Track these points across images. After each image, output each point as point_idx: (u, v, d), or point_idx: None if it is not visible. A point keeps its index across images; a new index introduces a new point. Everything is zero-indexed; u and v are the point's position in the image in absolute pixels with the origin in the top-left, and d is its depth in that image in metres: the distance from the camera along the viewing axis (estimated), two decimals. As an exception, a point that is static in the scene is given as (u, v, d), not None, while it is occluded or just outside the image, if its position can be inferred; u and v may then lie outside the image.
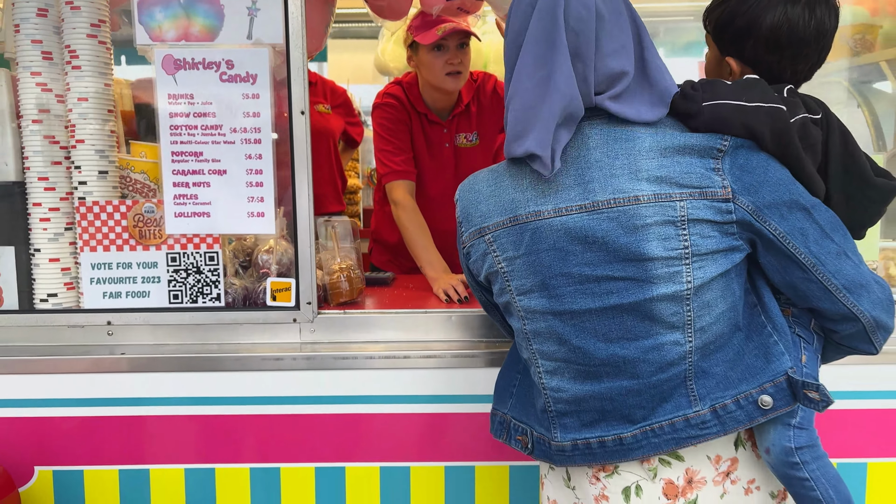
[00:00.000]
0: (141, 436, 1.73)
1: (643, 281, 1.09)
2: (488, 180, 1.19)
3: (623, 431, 1.15)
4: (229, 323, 1.76)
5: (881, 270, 1.84)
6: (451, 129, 2.48)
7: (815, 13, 1.16)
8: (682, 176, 1.07)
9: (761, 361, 1.13)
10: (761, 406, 1.11)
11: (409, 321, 1.77)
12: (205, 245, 1.75)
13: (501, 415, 1.32)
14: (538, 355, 1.19)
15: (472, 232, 1.20)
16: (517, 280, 1.16)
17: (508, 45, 1.15)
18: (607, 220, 1.08)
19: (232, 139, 1.71)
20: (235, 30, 1.68)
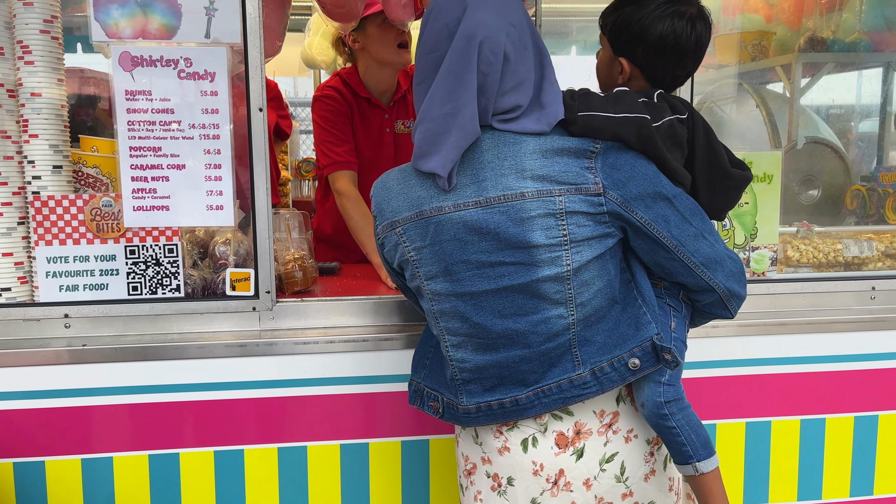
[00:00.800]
0: (103, 425, 1.77)
1: (530, 265, 1.26)
2: (398, 179, 1.34)
3: (519, 393, 1.33)
4: (189, 313, 1.82)
5: (780, 252, 2.10)
6: (391, 115, 2.58)
7: (696, 27, 1.38)
8: (561, 174, 1.24)
9: (632, 330, 1.31)
10: (631, 368, 1.29)
11: (365, 307, 1.88)
12: (164, 237, 1.80)
13: (416, 384, 1.48)
14: (445, 332, 1.36)
15: (384, 225, 1.34)
16: (424, 267, 1.32)
17: (421, 57, 1.28)
18: (498, 214, 1.24)
19: (191, 135, 1.76)
20: (193, 28, 1.73)
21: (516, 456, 1.36)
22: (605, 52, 1.47)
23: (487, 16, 1.21)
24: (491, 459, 1.39)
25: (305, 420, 1.82)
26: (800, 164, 2.47)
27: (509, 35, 1.22)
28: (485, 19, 1.20)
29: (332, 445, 1.83)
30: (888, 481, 2.05)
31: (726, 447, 1.97)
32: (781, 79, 2.65)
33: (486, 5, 1.22)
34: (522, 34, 1.25)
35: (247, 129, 1.78)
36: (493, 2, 1.23)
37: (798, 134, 2.50)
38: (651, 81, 1.43)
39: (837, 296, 2.05)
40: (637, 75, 1.43)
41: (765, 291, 2.01)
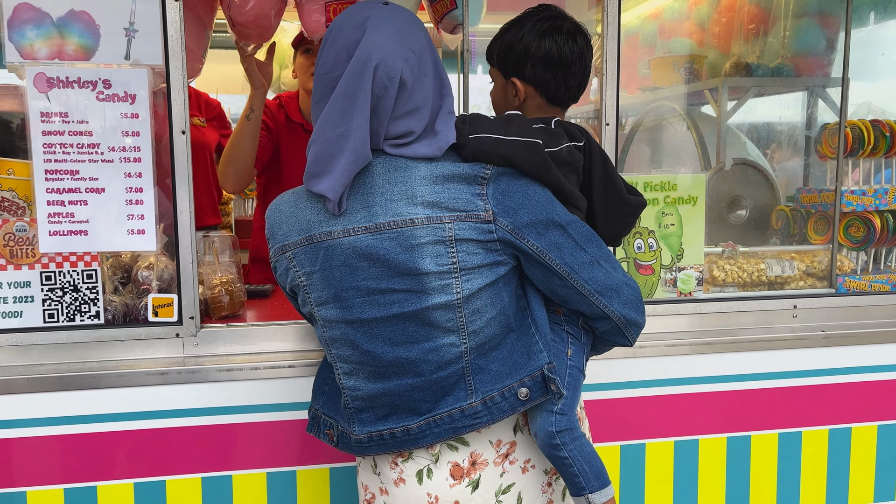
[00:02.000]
0: (17, 458, 1.70)
1: (420, 292, 1.24)
2: (290, 202, 1.31)
3: (410, 423, 1.30)
4: (109, 340, 1.77)
5: (706, 273, 2.14)
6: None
7: (577, 41, 1.42)
8: (451, 201, 1.22)
9: (524, 358, 1.29)
10: (520, 397, 1.27)
11: (292, 332, 1.85)
12: (82, 263, 1.75)
13: (314, 410, 1.45)
14: (337, 359, 1.33)
15: (276, 248, 1.31)
16: (315, 292, 1.29)
17: (319, 77, 1.26)
18: (388, 240, 1.22)
19: (110, 157, 1.72)
20: (113, 50, 1.70)
21: (412, 488, 1.33)
22: (497, 80, 1.49)
23: (385, 40, 1.20)
24: (388, 490, 1.36)
25: (231, 449, 1.78)
26: (728, 185, 2.53)
27: (408, 60, 1.20)
28: (382, 43, 1.19)
29: (259, 474, 1.80)
30: (812, 498, 2.09)
31: (656, 466, 1.99)
32: (710, 101, 2.72)
33: (385, 29, 1.21)
34: (423, 61, 1.24)
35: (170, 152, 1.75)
36: (392, 26, 1.22)
37: (726, 155, 2.56)
38: (547, 97, 1.44)
39: (762, 314, 2.10)
40: (532, 93, 1.44)
41: (691, 311, 2.05)
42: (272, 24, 2.02)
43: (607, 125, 1.94)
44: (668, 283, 2.05)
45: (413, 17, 1.27)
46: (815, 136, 2.43)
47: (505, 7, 3.06)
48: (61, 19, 1.67)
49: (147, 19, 1.70)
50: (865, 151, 2.25)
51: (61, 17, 1.67)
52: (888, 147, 2.26)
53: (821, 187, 2.33)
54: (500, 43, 1.45)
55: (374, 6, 1.25)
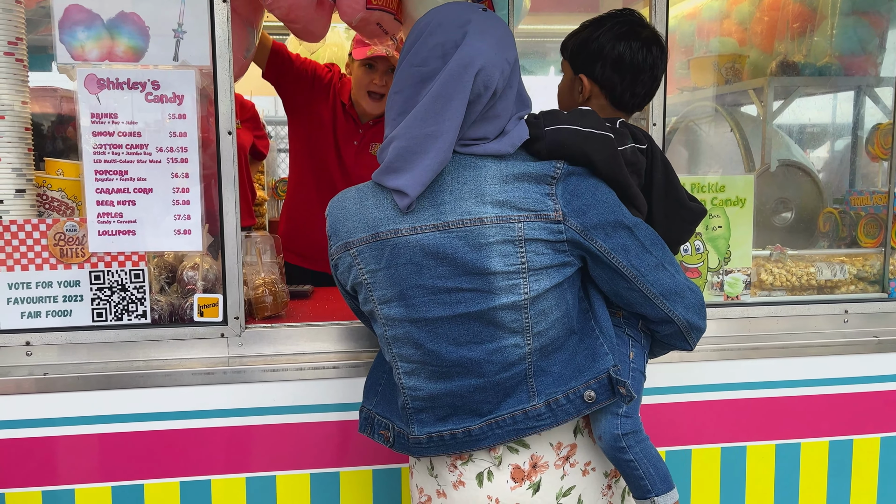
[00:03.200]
0: (65, 456, 1.72)
1: (487, 292, 1.22)
2: (354, 199, 1.30)
3: (471, 424, 1.29)
4: (156, 340, 1.78)
5: (753, 276, 2.10)
6: (366, 132, 2.59)
7: (651, 51, 1.42)
8: (520, 200, 1.21)
9: (588, 361, 1.28)
10: (586, 400, 1.26)
11: (336, 333, 1.85)
12: (130, 262, 1.76)
13: (367, 410, 1.43)
14: (398, 358, 1.32)
15: (338, 246, 1.30)
16: (379, 290, 1.28)
17: (405, 67, 1.23)
18: (456, 239, 1.21)
19: (158, 158, 1.73)
20: (161, 51, 1.71)
21: (472, 490, 1.32)
22: (566, 74, 1.50)
23: (487, 48, 1.19)
24: (446, 493, 1.35)
25: (274, 449, 1.78)
26: (773, 187, 2.48)
27: (503, 71, 1.20)
28: (484, 51, 1.18)
29: (302, 475, 1.79)
30: (863, 506, 2.04)
31: (702, 473, 1.95)
32: (754, 101, 2.67)
33: (487, 37, 1.20)
34: (513, 72, 1.24)
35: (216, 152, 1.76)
36: (493, 35, 1.21)
37: (771, 157, 2.51)
38: (611, 99, 1.44)
39: (811, 319, 2.05)
40: (597, 93, 1.44)
41: (739, 315, 2.01)
42: (314, 16, 2.00)
43: (654, 125, 1.91)
44: (714, 287, 2.01)
45: (507, 28, 1.27)
46: (867, 137, 2.37)
47: (547, 8, 3.04)
48: (111, 21, 1.69)
49: (195, 20, 1.71)
50: (919, 152, 2.19)
51: (111, 19, 1.69)
52: (943, 148, 2.19)
53: (872, 189, 2.27)
54: (577, 38, 1.45)
55: (474, 9, 1.24)
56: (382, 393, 1.42)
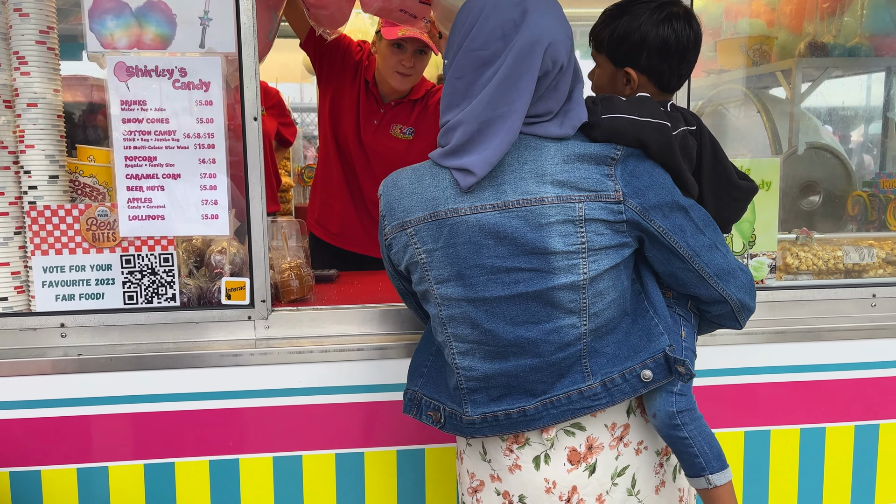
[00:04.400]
0: (98, 434, 1.77)
1: (546, 272, 1.23)
2: (411, 178, 1.29)
3: (526, 404, 1.29)
4: (185, 322, 1.82)
5: (779, 260, 2.08)
6: (387, 112, 2.61)
7: (692, 26, 1.40)
8: (581, 181, 1.22)
9: (644, 341, 1.29)
10: (643, 379, 1.28)
11: (360, 315, 1.88)
12: (159, 247, 1.80)
13: (412, 392, 1.43)
14: (452, 338, 1.32)
15: (394, 225, 1.30)
16: (435, 270, 1.28)
17: (465, 52, 1.22)
18: (516, 218, 1.22)
19: (186, 144, 1.77)
20: (188, 38, 1.74)
21: (528, 474, 1.32)
22: (605, 67, 1.45)
23: (551, 24, 1.20)
24: (500, 477, 1.36)
25: (301, 429, 1.81)
26: (800, 170, 2.45)
27: (567, 47, 1.22)
28: (550, 27, 1.19)
29: (328, 455, 1.83)
30: (889, 491, 2.02)
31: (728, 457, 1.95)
32: (782, 84, 2.63)
33: (548, 13, 1.21)
34: (572, 47, 1.26)
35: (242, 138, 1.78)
36: (552, 11, 1.22)
37: (799, 140, 2.48)
38: (659, 85, 1.43)
39: (837, 303, 2.03)
40: (645, 82, 1.42)
41: (764, 299, 2.00)
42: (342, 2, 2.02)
43: (678, 108, 1.89)
44: (739, 271, 2.00)
45: (559, 3, 1.27)
46: None
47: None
48: (139, 9, 1.72)
49: (220, 7, 1.73)
50: (951, 134, 2.15)
51: (139, 7, 1.71)
52: (976, 129, 2.15)
53: (902, 172, 2.24)
54: (612, 30, 1.41)
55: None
56: (428, 374, 1.42)
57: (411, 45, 2.43)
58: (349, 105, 2.60)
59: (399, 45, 2.43)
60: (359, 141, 2.61)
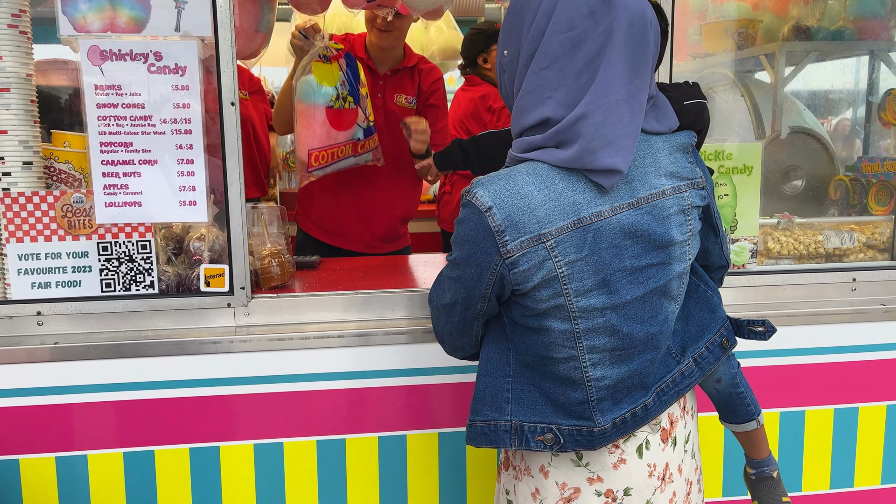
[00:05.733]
0: (77, 423, 1.76)
1: (667, 263, 1.23)
2: (537, 186, 1.14)
3: (645, 398, 1.27)
4: (163, 310, 1.81)
5: (760, 244, 2.08)
6: (386, 84, 2.59)
7: (659, 11, 1.38)
8: (682, 170, 1.24)
9: (709, 313, 1.35)
10: (724, 346, 1.34)
11: (341, 302, 1.87)
12: (136, 234, 1.78)
13: (506, 422, 1.27)
14: (586, 351, 1.22)
15: (525, 240, 1.14)
16: (576, 282, 1.17)
17: (550, 38, 1.12)
18: (646, 214, 1.19)
19: (162, 129, 1.74)
20: (163, 22, 1.71)
21: (632, 465, 1.29)
22: None
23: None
24: (602, 477, 1.29)
25: (281, 417, 1.81)
26: (783, 155, 2.45)
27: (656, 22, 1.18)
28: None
29: (309, 442, 1.83)
30: (868, 473, 2.04)
31: (705, 440, 1.96)
32: (766, 67, 2.62)
33: None
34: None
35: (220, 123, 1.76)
36: None
37: (782, 124, 2.48)
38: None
39: (818, 288, 2.04)
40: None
41: (745, 283, 2.00)
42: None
43: (660, 92, 1.88)
44: (720, 255, 2.00)
45: None
46: (879, 103, 2.33)
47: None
48: (113, -8, 1.68)
49: (196, -10, 1.70)
50: (932, 118, 2.15)
51: (113, -10, 1.68)
52: (957, 113, 2.15)
53: (884, 156, 2.24)
54: None
55: None
56: (517, 399, 1.28)
57: (387, 1, 2.44)
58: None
59: (379, 5, 2.44)
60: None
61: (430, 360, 1.83)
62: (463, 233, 1.18)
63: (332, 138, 1.99)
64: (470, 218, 1.16)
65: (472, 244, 1.17)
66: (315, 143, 1.94)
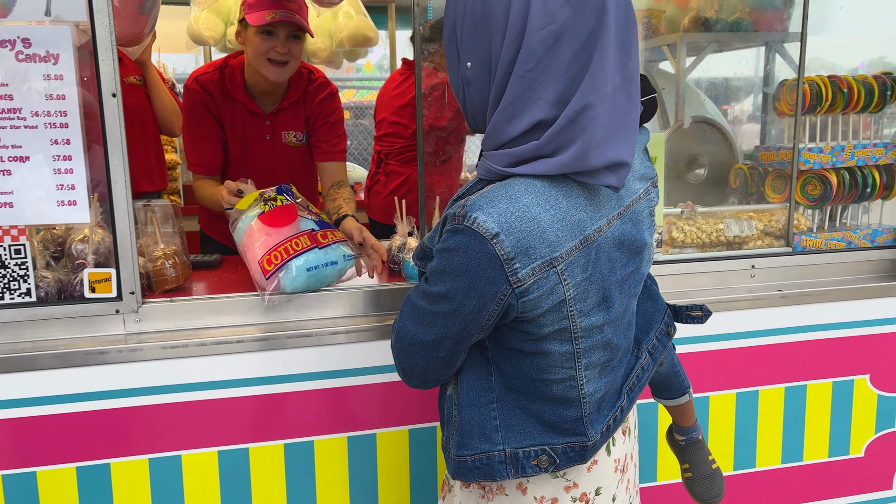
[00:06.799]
0: (-54, 446, 1.60)
1: (640, 267, 1.21)
2: (543, 206, 1.04)
3: (620, 400, 1.25)
4: (43, 319, 1.67)
5: (665, 234, 2.11)
6: (274, 123, 2.38)
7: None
8: (647, 170, 1.23)
9: (652, 303, 1.36)
10: (669, 334, 1.37)
11: (240, 305, 1.77)
12: (9, 237, 1.63)
13: (498, 453, 1.19)
14: (583, 368, 1.16)
15: (538, 266, 1.04)
16: (580, 302, 1.11)
17: (532, 37, 1.01)
18: (628, 221, 1.15)
19: (34, 123, 1.60)
20: (31, 5, 1.56)
21: (602, 463, 1.26)
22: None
23: None
24: (577, 482, 1.25)
25: (179, 429, 1.70)
26: (686, 144, 2.49)
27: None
28: None
29: (210, 453, 1.73)
30: (769, 454, 2.12)
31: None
32: (668, 58, 2.67)
33: None
34: None
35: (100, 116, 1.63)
36: None
37: (685, 113, 2.52)
38: None
39: (721, 275, 2.09)
40: None
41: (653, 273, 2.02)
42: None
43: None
44: (627, 246, 2.02)
45: None
46: (774, 93, 2.40)
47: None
48: (-29, -29, 1.52)
49: (68, -29, 1.56)
50: (823, 108, 2.23)
51: (-29, -31, 1.52)
52: (845, 103, 2.24)
53: (779, 145, 2.31)
54: None
55: None
56: (506, 426, 1.20)
57: (283, 29, 2.15)
58: (238, 134, 2.36)
59: (269, 31, 2.14)
60: (257, 165, 2.40)
61: (338, 363, 1.76)
62: (458, 263, 1.04)
63: (276, 237, 1.77)
64: (469, 246, 1.03)
65: (471, 275, 1.04)
66: (261, 252, 1.73)
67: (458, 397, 1.21)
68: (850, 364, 2.12)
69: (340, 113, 2.45)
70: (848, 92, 2.22)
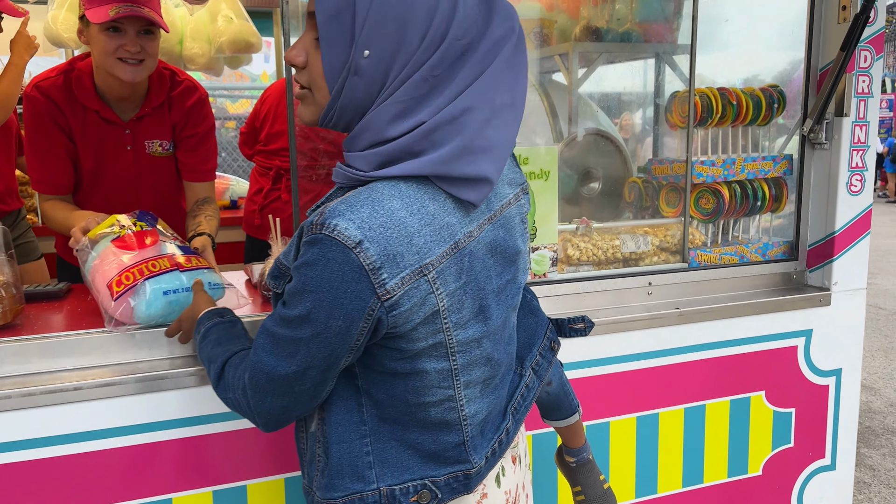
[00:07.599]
0: None
1: (516, 276, 1.15)
2: (408, 209, 0.97)
3: (505, 422, 1.18)
4: None
5: (560, 251, 2.01)
6: (135, 132, 2.11)
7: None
8: (516, 176, 1.18)
9: (532, 319, 1.29)
10: (553, 349, 1.29)
11: (83, 344, 1.53)
12: None
13: (372, 492, 1.08)
14: (463, 387, 1.08)
15: (407, 275, 0.96)
16: (455, 314, 1.03)
17: (449, 46, 0.97)
18: (500, 227, 1.10)
19: None
20: None
21: (493, 496, 1.16)
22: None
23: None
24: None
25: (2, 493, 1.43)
26: (580, 157, 2.42)
27: None
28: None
29: (43, 522, 1.47)
30: (670, 479, 2.05)
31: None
32: (561, 69, 2.59)
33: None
34: None
35: None
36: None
37: (578, 126, 2.45)
38: None
39: (618, 293, 2.01)
40: None
41: (548, 293, 1.92)
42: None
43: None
44: (521, 265, 1.90)
45: None
46: (665, 105, 2.36)
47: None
48: None
49: None
50: (714, 120, 2.20)
51: None
52: (735, 116, 2.22)
53: (672, 158, 2.27)
54: None
55: None
56: (380, 462, 1.09)
57: (132, 25, 1.89)
58: (91, 149, 2.08)
59: (115, 28, 1.88)
60: (120, 178, 2.13)
61: (192, 410, 1.54)
62: (318, 278, 0.94)
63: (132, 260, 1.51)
64: (330, 258, 0.92)
65: (334, 290, 0.94)
66: (110, 274, 1.46)
67: (327, 434, 1.09)
68: (746, 381, 2.09)
69: (211, 122, 2.23)
70: (737, 104, 2.20)
